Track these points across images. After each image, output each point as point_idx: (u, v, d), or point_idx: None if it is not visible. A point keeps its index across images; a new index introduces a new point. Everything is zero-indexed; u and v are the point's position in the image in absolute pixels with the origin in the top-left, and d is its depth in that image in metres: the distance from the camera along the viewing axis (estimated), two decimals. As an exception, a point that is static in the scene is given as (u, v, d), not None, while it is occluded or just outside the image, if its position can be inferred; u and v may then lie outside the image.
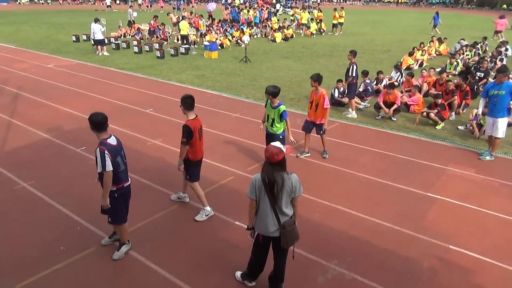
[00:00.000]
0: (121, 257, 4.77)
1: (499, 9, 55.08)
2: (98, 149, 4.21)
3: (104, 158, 4.17)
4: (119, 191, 4.47)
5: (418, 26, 31.07)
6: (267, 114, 6.58)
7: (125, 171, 4.54)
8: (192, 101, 5.27)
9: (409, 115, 10.30)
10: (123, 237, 4.83)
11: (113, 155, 4.27)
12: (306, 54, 19.37)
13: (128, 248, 4.88)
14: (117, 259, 4.75)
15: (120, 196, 4.52)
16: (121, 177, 4.44)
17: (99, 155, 4.18)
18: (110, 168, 4.21)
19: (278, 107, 6.31)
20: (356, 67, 9.65)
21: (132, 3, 44.07)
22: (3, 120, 9.45)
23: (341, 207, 5.95)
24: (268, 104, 6.53)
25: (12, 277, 4.43)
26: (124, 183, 4.52)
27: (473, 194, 6.41)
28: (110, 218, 4.62)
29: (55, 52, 18.44)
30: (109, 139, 4.35)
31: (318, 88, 7.19)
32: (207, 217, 5.61)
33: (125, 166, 4.52)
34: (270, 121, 6.48)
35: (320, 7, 36.64)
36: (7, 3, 50.50)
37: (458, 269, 4.72)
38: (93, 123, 4.27)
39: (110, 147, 4.28)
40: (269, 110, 6.47)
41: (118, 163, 4.35)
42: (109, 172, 4.22)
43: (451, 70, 14.49)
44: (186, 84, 13.20)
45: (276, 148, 3.63)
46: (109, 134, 4.41)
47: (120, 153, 4.43)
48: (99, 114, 4.28)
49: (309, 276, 4.53)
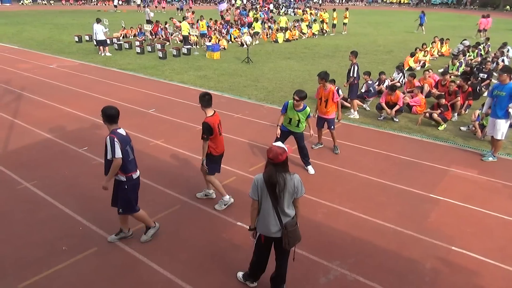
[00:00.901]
0: (148, 240, 5.03)
1: (502, 10, 54.95)
2: (108, 137, 4.46)
3: (114, 145, 4.41)
4: (129, 182, 4.66)
5: (421, 26, 30.97)
6: (289, 118, 6.73)
7: (134, 162, 4.73)
8: (210, 98, 5.40)
9: (411, 116, 10.28)
10: (146, 222, 5.04)
11: (123, 144, 4.50)
12: (308, 54, 19.37)
13: (155, 230, 5.10)
14: (145, 241, 5.01)
15: (130, 187, 4.71)
16: (130, 166, 4.63)
17: (109, 142, 4.43)
18: (119, 155, 4.44)
19: (305, 109, 6.62)
20: (357, 68, 9.64)
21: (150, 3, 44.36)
22: (6, 120, 9.49)
23: (343, 208, 5.94)
24: (289, 108, 6.68)
25: (15, 277, 4.44)
26: (132, 173, 4.69)
27: (476, 195, 6.39)
28: (121, 209, 4.81)
29: (57, 53, 18.50)
30: (119, 130, 4.61)
31: (326, 84, 7.49)
32: (226, 206, 5.80)
33: (133, 157, 4.71)
34: (295, 122, 6.72)
35: (323, 7, 36.65)
36: (10, 3, 50.69)
37: (461, 270, 4.70)
38: (106, 116, 4.54)
39: (120, 136, 4.53)
40: (293, 113, 6.66)
41: (127, 152, 4.57)
42: (118, 159, 4.45)
43: (453, 71, 14.47)
44: (188, 84, 13.22)
45: (280, 148, 3.63)
46: (119, 126, 4.66)
47: (129, 143, 4.65)
48: (112, 108, 4.57)
49: (311, 277, 4.52)
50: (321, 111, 7.74)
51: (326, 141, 8.42)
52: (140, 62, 16.89)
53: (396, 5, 64.30)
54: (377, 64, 16.59)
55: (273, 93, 12.26)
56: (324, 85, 7.50)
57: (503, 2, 56.56)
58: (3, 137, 8.45)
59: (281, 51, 20.24)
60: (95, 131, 8.84)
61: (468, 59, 16.41)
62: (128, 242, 5.04)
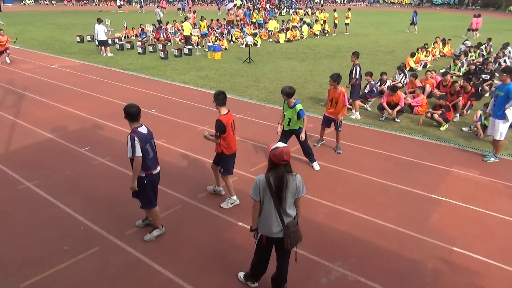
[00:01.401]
0: (151, 239, 5.09)
1: (504, 11, 54.84)
2: (129, 136, 4.56)
3: (134, 144, 4.50)
4: (148, 177, 4.77)
5: (422, 27, 30.96)
6: (284, 114, 6.79)
7: (154, 159, 4.81)
8: (225, 97, 5.45)
9: (413, 116, 10.27)
10: (155, 221, 5.15)
11: (143, 142, 4.58)
12: (309, 55, 19.36)
13: (160, 233, 5.17)
14: (147, 240, 5.08)
15: (149, 183, 4.82)
16: (150, 164, 4.73)
17: (130, 141, 4.53)
18: (139, 153, 4.53)
19: (294, 106, 6.58)
20: (359, 69, 9.64)
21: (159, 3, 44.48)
22: (8, 120, 9.51)
23: (345, 208, 5.94)
24: (285, 105, 6.75)
25: (17, 277, 4.45)
26: (152, 170, 4.80)
27: (478, 196, 6.38)
28: (141, 203, 4.98)
29: (59, 53, 18.54)
30: (139, 128, 4.66)
31: (337, 87, 7.55)
32: (232, 205, 5.89)
33: (154, 154, 4.79)
34: (287, 120, 6.71)
35: (324, 8, 36.66)
36: (12, 3, 50.83)
37: (462, 271, 4.70)
38: (127, 114, 4.62)
39: (140, 135, 4.60)
40: (286, 110, 6.70)
41: (147, 150, 4.65)
42: (139, 158, 4.55)
43: (455, 71, 14.44)
44: (190, 84, 13.23)
45: (286, 148, 3.64)
46: (141, 124, 4.70)
47: (149, 141, 4.71)
48: (133, 106, 4.62)
49: (312, 277, 4.52)
50: (330, 112, 7.81)
51: (328, 141, 8.42)
52: (142, 62, 16.91)
53: (397, 5, 64.23)
54: (378, 65, 16.58)
55: (275, 93, 12.25)
56: (335, 87, 7.57)
57: (505, 2, 56.45)
58: (5, 137, 8.47)
59: (283, 52, 20.23)
60: (96, 131, 8.86)
61: (470, 60, 16.38)
62: (129, 242, 5.05)
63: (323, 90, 12.23)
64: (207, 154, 7.61)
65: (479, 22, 25.29)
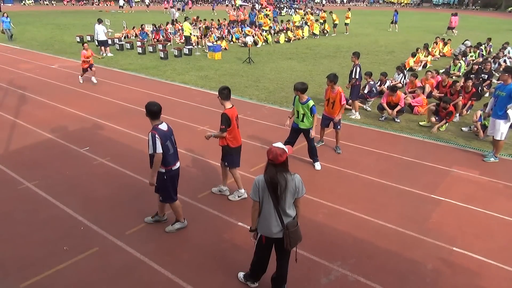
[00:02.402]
0: (172, 231, 5.25)
1: (503, 11, 54.87)
2: (150, 133, 4.68)
3: (155, 141, 4.62)
4: (168, 173, 4.90)
5: (422, 27, 31.00)
6: (296, 110, 6.91)
7: (174, 155, 4.94)
8: (229, 92, 5.67)
9: (412, 117, 10.27)
10: (177, 215, 5.27)
11: (163, 139, 4.70)
12: (309, 55, 19.37)
13: (181, 226, 5.31)
14: (168, 232, 5.26)
15: (169, 178, 4.96)
16: (169, 160, 4.86)
17: (151, 138, 4.65)
18: (160, 150, 4.66)
19: (307, 102, 6.68)
20: (359, 69, 9.63)
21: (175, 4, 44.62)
22: (7, 120, 9.51)
23: (345, 208, 5.94)
24: (296, 101, 6.85)
25: (16, 277, 4.45)
26: (172, 166, 4.93)
27: (478, 196, 6.37)
28: (161, 197, 5.12)
29: (59, 53, 18.53)
30: (160, 125, 4.79)
31: (334, 86, 7.58)
32: (240, 198, 6.04)
33: (174, 150, 4.92)
34: (301, 116, 6.84)
35: (324, 8, 36.66)
36: (12, 3, 50.81)
37: (462, 271, 4.69)
38: (149, 111, 4.76)
39: (161, 132, 4.72)
40: (298, 106, 6.80)
41: (167, 146, 4.78)
42: (159, 154, 4.68)
43: (455, 71, 14.44)
44: (190, 85, 13.23)
45: (280, 149, 3.62)
46: (161, 121, 4.84)
47: (170, 138, 4.85)
48: (154, 105, 4.76)
49: (312, 277, 4.52)
50: (328, 112, 7.84)
51: (328, 141, 8.42)
52: (142, 62, 16.91)
53: (397, 5, 64.25)
54: (378, 65, 16.58)
55: (274, 93, 12.26)
56: (332, 87, 7.59)
57: (505, 2, 56.48)
58: (5, 137, 8.47)
59: (283, 52, 20.24)
60: (96, 131, 8.85)
61: (469, 60, 16.38)
62: (129, 242, 5.05)
63: (323, 90, 12.13)
64: (207, 154, 7.62)
65: (456, 21, 26.82)
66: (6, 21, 21.04)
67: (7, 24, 21.13)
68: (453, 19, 26.90)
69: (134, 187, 6.45)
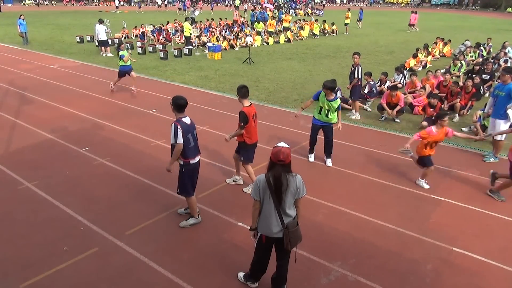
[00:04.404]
0: (185, 226, 5.38)
1: (503, 11, 54.88)
2: (173, 124, 4.88)
3: (176, 132, 4.83)
4: (186, 166, 5.07)
5: (422, 27, 31.01)
6: (320, 106, 7.05)
7: (194, 149, 5.08)
8: (247, 90, 5.86)
9: (412, 117, 10.27)
10: (191, 210, 5.39)
11: (185, 132, 4.88)
12: (309, 55, 19.37)
13: (195, 222, 5.42)
14: (182, 227, 5.38)
15: (187, 171, 5.11)
16: (189, 153, 5.00)
17: (173, 129, 4.85)
18: (181, 141, 4.85)
19: (336, 99, 6.94)
20: (360, 69, 9.63)
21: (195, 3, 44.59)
22: (8, 121, 9.51)
23: (344, 208, 5.94)
24: (322, 97, 6.99)
25: (16, 277, 4.45)
26: (190, 159, 5.06)
27: (477, 196, 6.38)
28: (179, 189, 5.23)
29: (59, 53, 18.54)
30: (184, 118, 4.97)
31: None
32: None
33: (194, 144, 5.07)
34: (325, 112, 7.01)
35: (324, 8, 36.65)
36: (12, 4, 50.83)
37: (462, 271, 4.70)
38: (176, 105, 4.96)
39: (183, 125, 4.91)
40: (324, 102, 6.96)
41: (188, 139, 4.94)
42: (179, 145, 4.86)
43: (455, 71, 14.44)
44: (190, 85, 13.23)
45: (289, 149, 3.67)
46: (185, 115, 5.03)
47: (191, 132, 5.02)
48: (181, 98, 4.99)
49: (312, 278, 4.52)
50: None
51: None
52: (142, 62, 16.90)
53: (397, 5, 64.27)
54: (378, 65, 16.59)
55: (274, 93, 12.26)
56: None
57: (505, 3, 56.51)
58: (5, 137, 8.47)
59: (283, 52, 20.24)
60: (96, 132, 8.85)
61: (469, 60, 16.38)
62: (129, 243, 5.05)
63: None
64: (207, 154, 7.61)
65: (415, 18, 29.31)
66: (23, 24, 20.22)
67: (24, 26, 20.27)
68: (413, 17, 29.23)
69: (134, 187, 6.45)
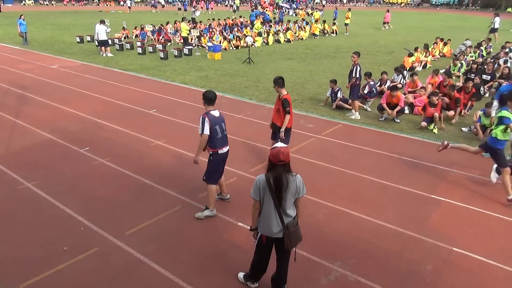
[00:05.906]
0: (200, 217, 5.55)
1: (503, 11, 54.87)
2: (202, 116, 5.16)
3: (204, 123, 5.12)
4: (214, 155, 5.35)
5: (422, 27, 31.02)
6: None
7: (222, 139, 5.32)
8: (283, 81, 6.43)
9: (412, 117, 10.27)
10: (210, 199, 5.55)
11: (212, 123, 5.15)
12: (309, 55, 19.37)
13: (210, 214, 5.57)
14: (197, 218, 5.56)
15: (215, 160, 5.39)
16: (216, 143, 5.27)
17: (201, 120, 5.14)
18: (207, 132, 5.13)
19: None
20: (359, 69, 9.63)
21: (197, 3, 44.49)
22: (7, 121, 9.51)
23: (345, 208, 5.94)
24: None
25: (16, 277, 4.44)
26: (218, 149, 5.32)
27: (478, 196, 6.38)
28: (205, 176, 5.47)
29: (59, 53, 18.53)
30: (212, 111, 5.24)
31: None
32: None
33: (222, 135, 5.30)
34: None
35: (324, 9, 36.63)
36: (12, 4, 50.81)
37: (462, 271, 4.70)
38: (206, 98, 5.25)
39: (211, 117, 5.18)
40: None
41: (216, 130, 5.20)
42: (205, 135, 5.15)
43: (455, 71, 14.43)
44: (190, 85, 13.23)
45: (288, 148, 3.67)
46: (214, 108, 5.29)
47: (219, 123, 5.27)
48: (211, 92, 5.29)
49: (312, 278, 4.52)
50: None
51: (327, 141, 8.42)
52: (142, 62, 16.91)
53: (397, 5, 64.28)
54: (378, 65, 16.58)
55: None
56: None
57: (505, 3, 56.50)
58: (5, 137, 8.47)
59: (282, 52, 20.24)
60: (96, 132, 8.85)
61: (469, 60, 16.37)
62: (129, 243, 5.05)
63: (323, 91, 12.23)
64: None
65: (388, 16, 30.92)
66: (24, 24, 20.27)
67: (24, 26, 20.35)
68: (387, 15, 30.85)
69: (134, 187, 6.45)
